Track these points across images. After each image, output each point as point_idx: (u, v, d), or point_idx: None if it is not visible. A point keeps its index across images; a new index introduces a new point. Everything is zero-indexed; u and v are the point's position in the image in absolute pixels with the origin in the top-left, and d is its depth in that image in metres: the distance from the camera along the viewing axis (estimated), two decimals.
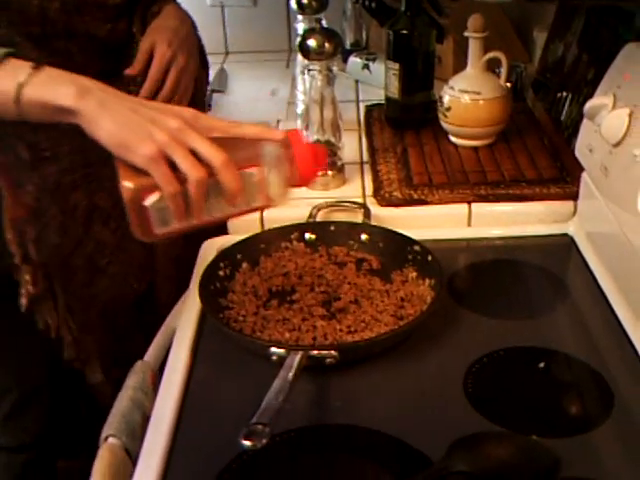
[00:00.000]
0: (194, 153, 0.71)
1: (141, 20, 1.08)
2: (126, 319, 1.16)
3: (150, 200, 0.73)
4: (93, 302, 1.09)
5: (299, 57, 1.26)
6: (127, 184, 0.72)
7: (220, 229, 1.08)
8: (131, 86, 1.01)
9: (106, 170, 1.04)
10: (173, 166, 0.71)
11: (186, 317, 0.91)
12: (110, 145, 0.72)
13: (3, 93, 0.74)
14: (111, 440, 0.75)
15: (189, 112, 0.75)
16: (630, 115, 0.81)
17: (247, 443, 0.63)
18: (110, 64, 1.02)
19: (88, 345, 1.07)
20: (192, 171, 0.71)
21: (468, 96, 1.15)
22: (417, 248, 0.95)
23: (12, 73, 0.74)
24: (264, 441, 0.63)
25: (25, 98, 0.73)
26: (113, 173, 1.06)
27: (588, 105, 0.89)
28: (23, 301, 0.96)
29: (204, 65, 1.21)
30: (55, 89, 0.74)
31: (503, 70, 1.15)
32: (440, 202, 1.06)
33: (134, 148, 0.71)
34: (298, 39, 1.14)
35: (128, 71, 1.03)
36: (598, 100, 0.88)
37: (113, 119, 0.72)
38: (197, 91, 1.16)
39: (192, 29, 1.12)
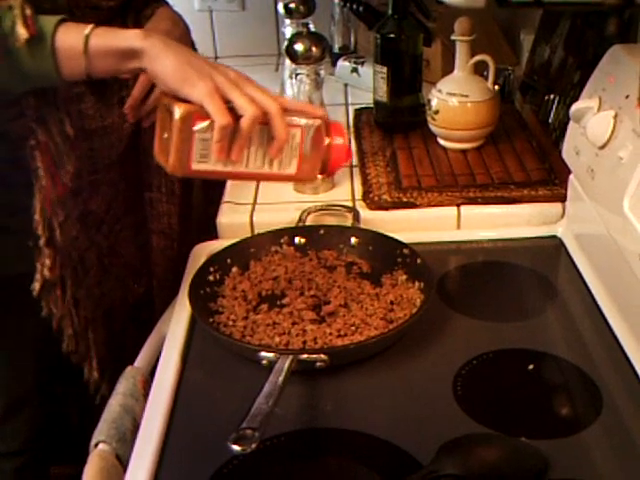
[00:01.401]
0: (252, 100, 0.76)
1: (134, 23, 1.08)
2: (124, 321, 1.16)
3: (199, 125, 0.76)
4: (102, 301, 1.10)
5: (287, 61, 1.26)
6: (181, 106, 0.76)
7: (210, 233, 1.08)
8: (124, 91, 1.00)
9: (108, 175, 1.05)
10: (229, 108, 0.76)
11: (176, 322, 0.91)
12: (170, 79, 0.77)
13: (72, 46, 0.78)
14: (101, 446, 0.75)
15: (244, 75, 0.81)
16: (615, 117, 0.82)
17: (236, 448, 0.63)
18: None
19: (89, 341, 1.07)
20: (248, 107, 0.76)
21: (456, 99, 1.16)
22: (406, 251, 0.95)
23: (76, 29, 0.79)
24: (254, 446, 0.63)
25: (93, 47, 0.78)
26: (113, 178, 1.06)
27: (574, 108, 0.90)
28: (36, 285, 0.96)
29: None
30: (120, 34, 0.80)
31: (490, 73, 1.16)
32: (429, 205, 1.07)
33: (193, 81, 0.76)
34: (285, 43, 1.14)
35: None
36: (584, 103, 0.88)
37: (177, 57, 0.77)
38: None
39: (185, 32, 1.12)
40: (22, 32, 0.77)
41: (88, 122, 0.99)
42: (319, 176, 0.86)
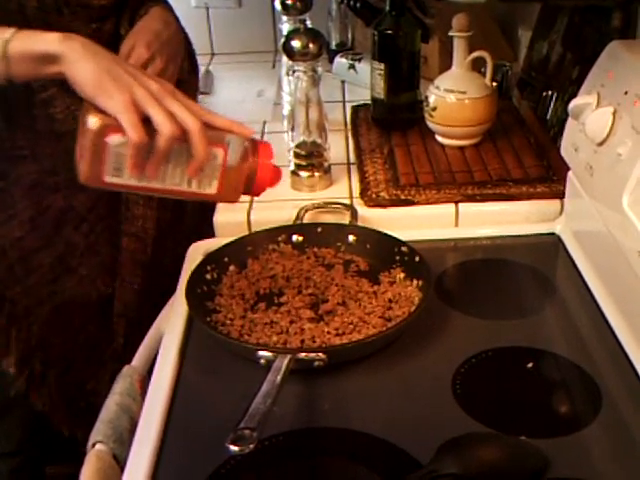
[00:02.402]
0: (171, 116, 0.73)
1: (129, 22, 1.07)
2: (84, 320, 1.15)
3: (113, 139, 0.73)
4: (51, 299, 1.08)
5: (284, 58, 1.26)
6: (96, 118, 0.73)
7: (207, 232, 1.08)
8: None
9: None
10: (147, 123, 0.72)
11: (173, 321, 0.90)
12: (87, 87, 0.74)
13: None
14: (98, 446, 0.75)
15: (169, 86, 0.77)
16: (614, 114, 0.81)
17: (234, 448, 0.63)
18: None
19: (10, 336, 1.07)
20: (165, 124, 0.72)
21: (454, 96, 1.15)
22: (405, 249, 0.94)
23: None
24: (252, 446, 0.63)
25: (11, 52, 0.76)
26: None
27: (572, 104, 0.89)
28: None
29: (194, 70, 1.20)
30: (40, 37, 0.77)
31: (488, 69, 1.16)
32: (427, 202, 1.06)
33: (111, 93, 0.72)
34: (282, 40, 1.13)
35: None
36: (582, 99, 0.88)
37: (95, 62, 0.74)
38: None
39: (177, 33, 1.11)
40: None
41: (58, 126, 0.98)
42: (242, 197, 0.81)
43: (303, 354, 0.79)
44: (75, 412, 1.14)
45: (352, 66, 1.54)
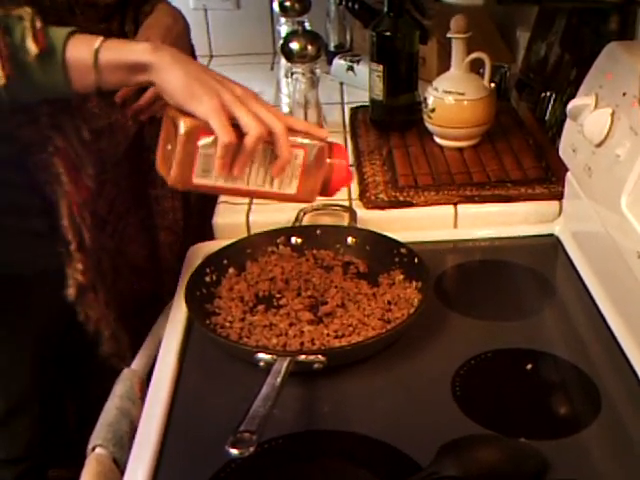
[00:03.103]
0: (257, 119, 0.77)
1: (133, 20, 1.08)
2: (137, 320, 1.15)
3: (204, 141, 0.76)
4: (125, 300, 1.10)
5: (283, 60, 1.26)
6: (186, 120, 0.77)
7: (206, 234, 1.08)
8: (122, 89, 1.00)
9: (113, 174, 1.05)
10: (233, 126, 0.76)
11: (173, 324, 0.91)
12: (177, 94, 0.77)
13: (82, 61, 0.78)
14: (98, 450, 0.75)
15: (252, 91, 0.81)
16: (612, 115, 0.82)
17: (234, 451, 0.63)
18: None
19: (123, 341, 1.07)
20: (253, 125, 0.76)
21: (452, 97, 1.15)
22: (404, 250, 0.95)
23: (86, 42, 0.79)
24: (251, 449, 0.63)
25: (103, 61, 0.78)
26: (116, 177, 1.06)
27: (571, 105, 0.89)
28: (71, 291, 0.96)
29: None
30: (129, 47, 0.80)
31: (486, 71, 1.16)
32: (426, 204, 1.06)
33: (200, 97, 0.76)
34: (281, 42, 1.13)
35: None
36: (580, 100, 0.88)
37: (185, 71, 0.78)
38: None
39: (184, 28, 1.12)
40: (32, 47, 0.77)
41: (96, 121, 0.99)
42: (318, 197, 0.85)
43: (303, 356, 0.79)
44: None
45: (350, 68, 1.54)
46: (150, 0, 1.10)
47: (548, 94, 1.17)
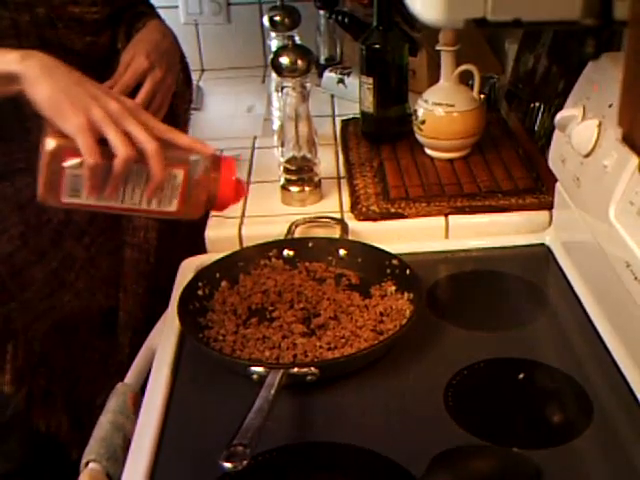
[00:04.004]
0: (129, 137, 0.73)
1: (126, 36, 1.08)
2: (88, 334, 1.15)
3: (70, 162, 0.74)
4: (50, 314, 1.09)
5: (274, 74, 1.26)
6: (52, 140, 0.74)
7: (198, 248, 1.08)
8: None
9: None
10: (104, 143, 0.73)
11: (166, 337, 0.91)
12: (44, 108, 0.74)
13: None
14: (92, 465, 0.75)
15: (132, 103, 0.78)
16: (599, 126, 0.82)
17: (228, 465, 0.63)
18: (93, 79, 1.02)
19: (6, 352, 1.07)
20: (121, 147, 0.73)
21: (442, 109, 1.16)
22: (395, 262, 0.95)
23: None
24: (245, 462, 0.63)
25: None
26: None
27: (558, 117, 0.90)
28: None
29: (188, 82, 1.22)
30: (0, 57, 0.77)
31: (475, 82, 1.17)
32: (417, 215, 1.07)
33: (67, 115, 0.73)
34: (271, 56, 1.14)
35: (107, 84, 1.03)
36: (568, 112, 0.89)
37: (53, 83, 0.75)
38: (177, 108, 1.16)
39: (174, 45, 1.13)
40: None
41: None
42: (207, 212, 0.82)
43: (296, 369, 0.79)
44: (83, 430, 1.14)
45: (341, 80, 1.55)
46: (142, 17, 1.11)
47: (537, 105, 1.18)
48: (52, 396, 1.11)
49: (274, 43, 1.43)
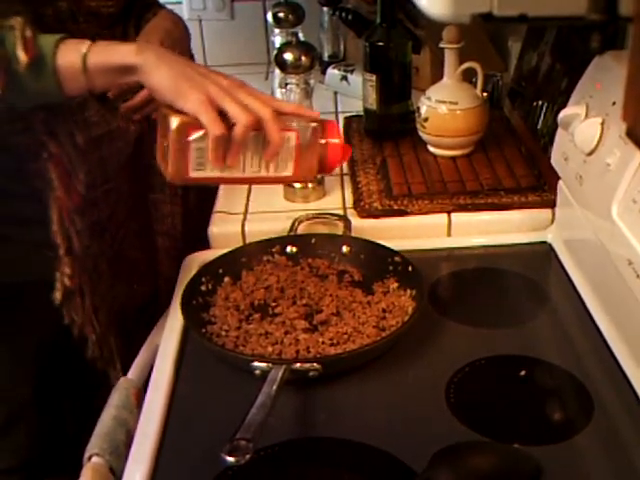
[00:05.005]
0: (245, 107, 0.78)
1: (135, 28, 1.09)
2: (134, 324, 1.16)
3: (194, 136, 0.78)
4: (113, 306, 1.10)
5: (277, 70, 1.27)
6: (176, 117, 0.78)
7: (202, 244, 1.08)
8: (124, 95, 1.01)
9: (115, 182, 1.06)
10: (222, 116, 0.78)
11: (169, 332, 0.91)
12: (165, 92, 0.79)
13: (72, 66, 0.81)
14: (95, 459, 0.75)
15: (238, 80, 0.83)
16: (602, 124, 0.83)
17: (230, 459, 0.63)
18: None
19: (111, 346, 1.08)
20: (241, 115, 0.78)
21: (445, 106, 1.16)
22: (398, 259, 0.95)
23: (75, 47, 0.81)
24: (247, 457, 0.64)
25: (91, 64, 0.81)
26: (119, 184, 1.07)
27: (561, 115, 0.90)
28: (58, 295, 0.98)
29: None
30: (116, 50, 0.82)
31: (479, 80, 1.17)
32: (420, 212, 1.07)
33: (186, 93, 0.78)
34: (275, 53, 1.14)
35: None
36: (571, 110, 0.89)
37: (170, 69, 0.80)
38: None
39: (184, 33, 1.14)
40: (22, 56, 0.79)
41: (95, 129, 1.00)
42: (318, 175, 0.88)
43: (298, 364, 0.79)
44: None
45: (344, 77, 1.56)
46: (152, 8, 1.12)
47: (540, 103, 1.18)
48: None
49: (278, 39, 1.44)
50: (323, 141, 0.84)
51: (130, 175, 1.10)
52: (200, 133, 0.78)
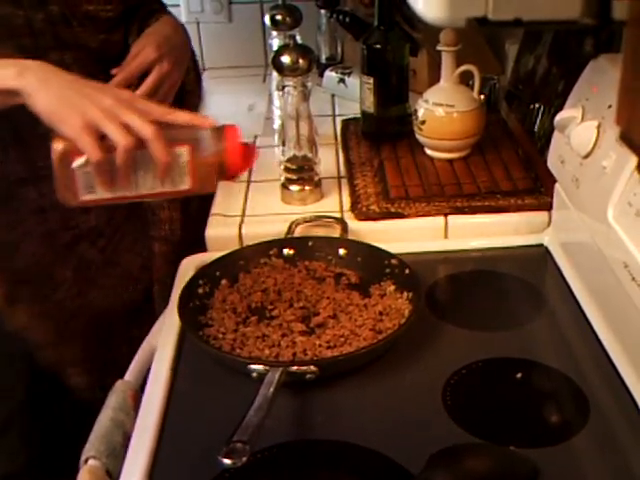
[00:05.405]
0: (127, 128, 0.76)
1: (138, 33, 1.09)
2: (120, 328, 1.16)
3: (77, 162, 0.77)
4: (81, 311, 1.10)
5: (274, 73, 1.27)
6: (57, 145, 0.77)
7: (199, 246, 1.08)
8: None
9: None
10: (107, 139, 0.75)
11: (166, 335, 0.91)
12: (44, 116, 0.78)
13: None
14: (91, 462, 0.75)
15: (127, 94, 0.81)
16: (598, 127, 0.83)
17: (227, 461, 0.63)
18: (108, 76, 1.02)
19: (61, 351, 1.07)
20: (119, 139, 0.75)
21: (442, 109, 1.17)
22: (395, 262, 0.95)
23: None
24: (244, 459, 0.64)
25: None
26: None
27: (558, 118, 0.91)
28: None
29: (198, 81, 1.23)
30: None
31: (476, 83, 1.17)
32: (417, 215, 1.07)
33: (65, 119, 0.76)
34: (272, 55, 1.14)
35: (114, 71, 1.04)
36: (567, 113, 0.89)
37: (49, 93, 0.78)
38: (187, 105, 1.16)
39: (185, 41, 1.13)
40: None
41: None
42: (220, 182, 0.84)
43: (295, 367, 0.79)
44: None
45: (342, 80, 1.56)
46: (155, 13, 1.12)
47: (537, 106, 1.19)
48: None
49: (275, 42, 1.44)
50: (221, 148, 0.80)
51: None
52: (82, 159, 0.76)
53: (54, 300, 1.07)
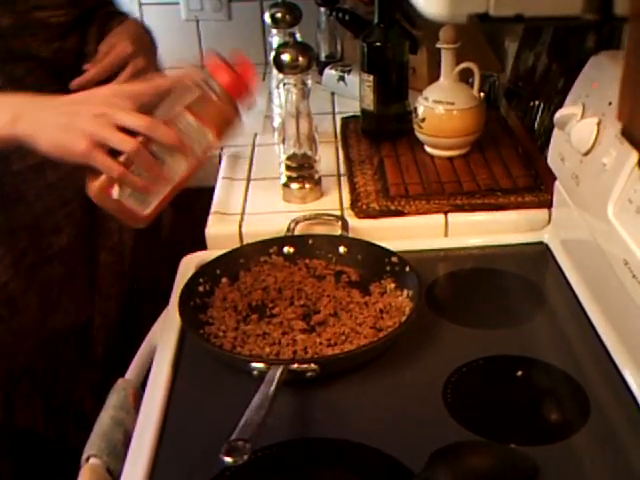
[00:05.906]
0: (124, 129, 0.74)
1: (97, 36, 1.06)
2: (70, 340, 1.15)
3: (115, 192, 0.75)
4: (39, 333, 1.09)
5: (274, 71, 1.27)
6: (89, 190, 0.76)
7: (199, 244, 1.08)
8: None
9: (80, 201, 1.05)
10: (114, 151, 0.74)
11: (167, 333, 0.91)
12: (51, 154, 0.76)
13: None
14: (92, 460, 0.75)
15: (108, 90, 0.79)
16: (599, 124, 0.83)
17: (228, 459, 0.63)
18: (63, 86, 1.00)
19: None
20: (124, 146, 0.74)
21: (442, 107, 1.17)
22: (395, 259, 0.95)
23: None
24: (245, 457, 0.64)
25: None
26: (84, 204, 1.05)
27: (558, 115, 0.91)
28: None
29: None
30: None
31: (475, 80, 1.17)
32: (417, 213, 1.07)
33: (70, 150, 0.74)
34: (272, 53, 1.14)
35: (86, 67, 1.02)
36: (567, 110, 0.89)
37: (47, 131, 0.75)
38: None
39: (154, 45, 1.11)
40: None
41: (31, 158, 0.97)
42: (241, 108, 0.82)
43: (295, 365, 0.79)
44: (62, 425, 1.14)
45: (341, 78, 1.56)
46: (116, 16, 1.09)
47: (537, 103, 1.19)
48: (32, 399, 1.11)
49: (275, 40, 1.43)
50: (215, 87, 0.78)
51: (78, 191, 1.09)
52: (117, 188, 0.75)
53: (11, 324, 1.05)
